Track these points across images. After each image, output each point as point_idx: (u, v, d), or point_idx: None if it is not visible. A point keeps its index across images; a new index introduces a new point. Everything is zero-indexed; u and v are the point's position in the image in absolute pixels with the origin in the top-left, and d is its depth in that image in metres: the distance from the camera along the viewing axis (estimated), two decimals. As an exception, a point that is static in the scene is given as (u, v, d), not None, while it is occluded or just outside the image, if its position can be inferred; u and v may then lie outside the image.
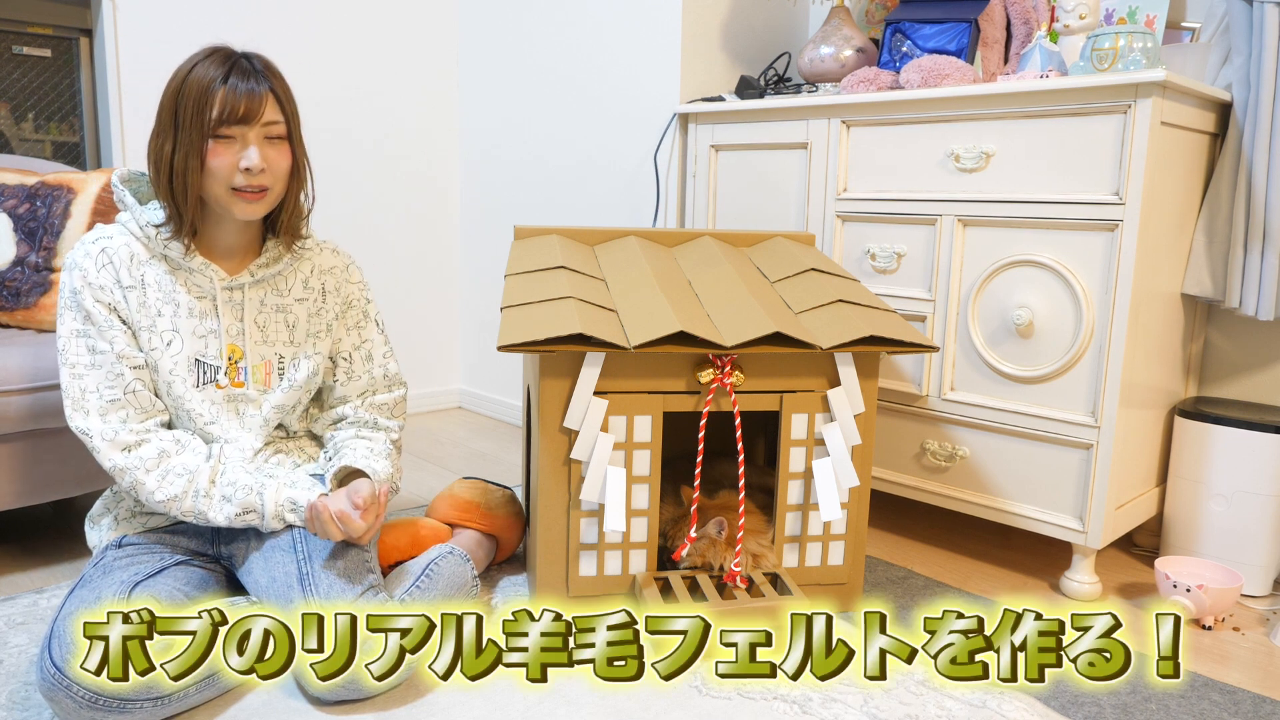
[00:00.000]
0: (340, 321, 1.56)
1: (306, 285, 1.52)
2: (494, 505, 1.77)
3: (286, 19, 2.65)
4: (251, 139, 1.34)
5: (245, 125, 1.33)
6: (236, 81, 1.32)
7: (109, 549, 1.40)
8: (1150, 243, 1.65)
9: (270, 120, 1.35)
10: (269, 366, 1.47)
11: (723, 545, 1.57)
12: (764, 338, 1.51)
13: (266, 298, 1.48)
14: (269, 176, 1.37)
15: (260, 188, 1.36)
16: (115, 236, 1.40)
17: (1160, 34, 1.93)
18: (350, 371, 1.57)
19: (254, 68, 1.36)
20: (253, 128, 1.34)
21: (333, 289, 1.55)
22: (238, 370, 1.45)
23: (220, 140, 1.33)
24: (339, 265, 1.57)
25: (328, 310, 1.54)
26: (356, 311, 1.58)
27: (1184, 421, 1.83)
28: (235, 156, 1.34)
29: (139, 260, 1.39)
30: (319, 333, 1.53)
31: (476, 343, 3.15)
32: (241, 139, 1.34)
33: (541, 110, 2.77)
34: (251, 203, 1.36)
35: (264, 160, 1.35)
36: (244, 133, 1.34)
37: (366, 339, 1.58)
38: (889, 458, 1.98)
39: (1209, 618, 1.63)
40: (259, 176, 1.35)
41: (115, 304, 1.37)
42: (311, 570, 1.34)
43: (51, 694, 1.15)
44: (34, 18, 2.41)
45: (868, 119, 1.94)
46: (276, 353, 1.48)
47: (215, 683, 1.27)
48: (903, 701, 1.35)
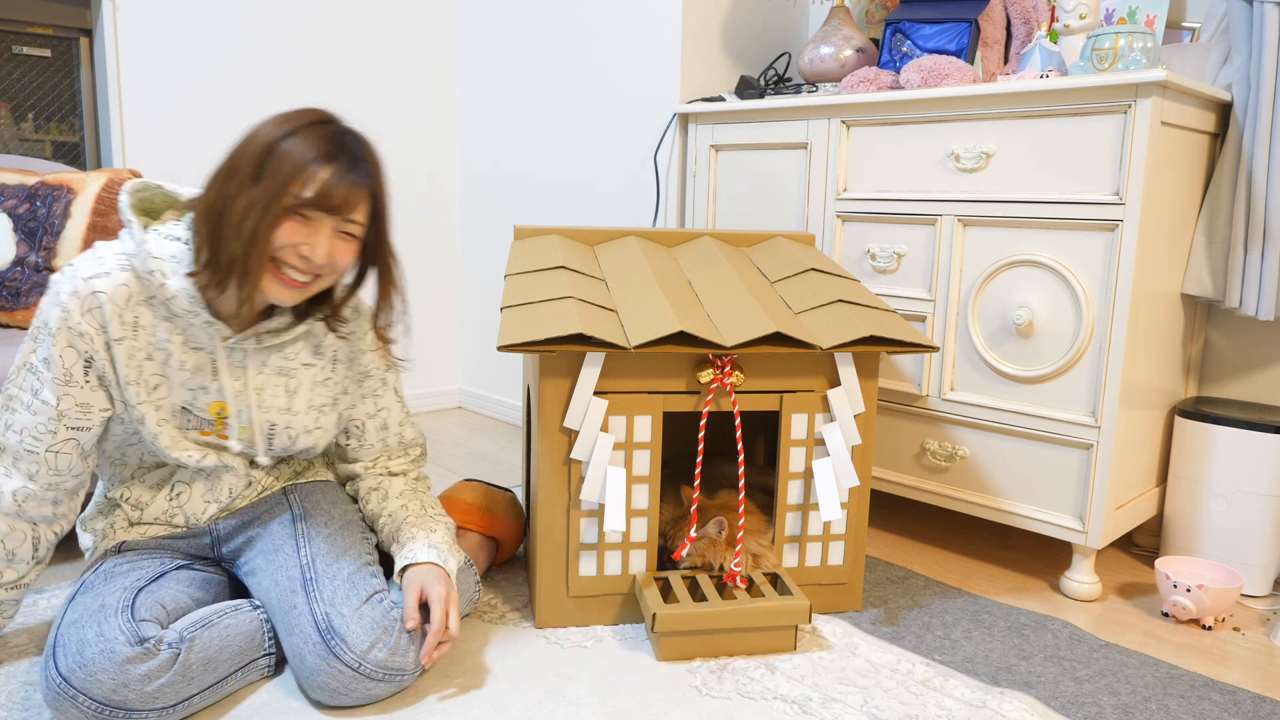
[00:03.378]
0: (356, 390, 1.47)
1: (318, 351, 1.40)
2: (495, 508, 1.77)
3: (287, 18, 2.65)
4: (326, 229, 1.23)
5: (329, 215, 1.22)
6: (342, 170, 1.21)
7: (109, 554, 1.39)
8: (1150, 243, 1.65)
9: (355, 219, 1.25)
10: (257, 431, 1.38)
11: (723, 545, 1.57)
12: (764, 338, 1.51)
13: (270, 360, 1.36)
14: (326, 269, 1.25)
15: (308, 279, 1.25)
16: (114, 273, 1.24)
17: (1160, 34, 1.93)
18: (363, 439, 1.50)
19: (359, 155, 1.24)
20: (334, 220, 1.23)
21: (345, 358, 1.44)
22: (225, 425, 1.35)
23: (297, 217, 1.21)
24: (358, 330, 1.44)
25: (336, 382, 1.43)
26: (375, 381, 1.48)
27: (1184, 421, 1.83)
28: (302, 239, 1.22)
29: (134, 301, 1.25)
30: (323, 406, 1.42)
31: (476, 343, 3.15)
32: (317, 225, 1.22)
33: (542, 110, 2.77)
34: (289, 288, 1.25)
35: (328, 255, 1.24)
36: (323, 220, 1.23)
37: (383, 408, 1.50)
38: (889, 458, 1.98)
39: (1209, 618, 1.63)
40: (315, 269, 1.24)
41: (93, 355, 1.24)
42: (315, 575, 1.33)
43: (57, 703, 1.14)
44: (34, 18, 2.41)
45: (868, 119, 1.94)
46: (269, 420, 1.38)
47: (220, 689, 1.27)
48: (903, 701, 1.35)
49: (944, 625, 1.61)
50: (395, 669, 1.27)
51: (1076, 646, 1.54)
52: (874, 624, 1.61)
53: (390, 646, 1.27)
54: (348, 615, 1.27)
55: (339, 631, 1.25)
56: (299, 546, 1.38)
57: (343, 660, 1.24)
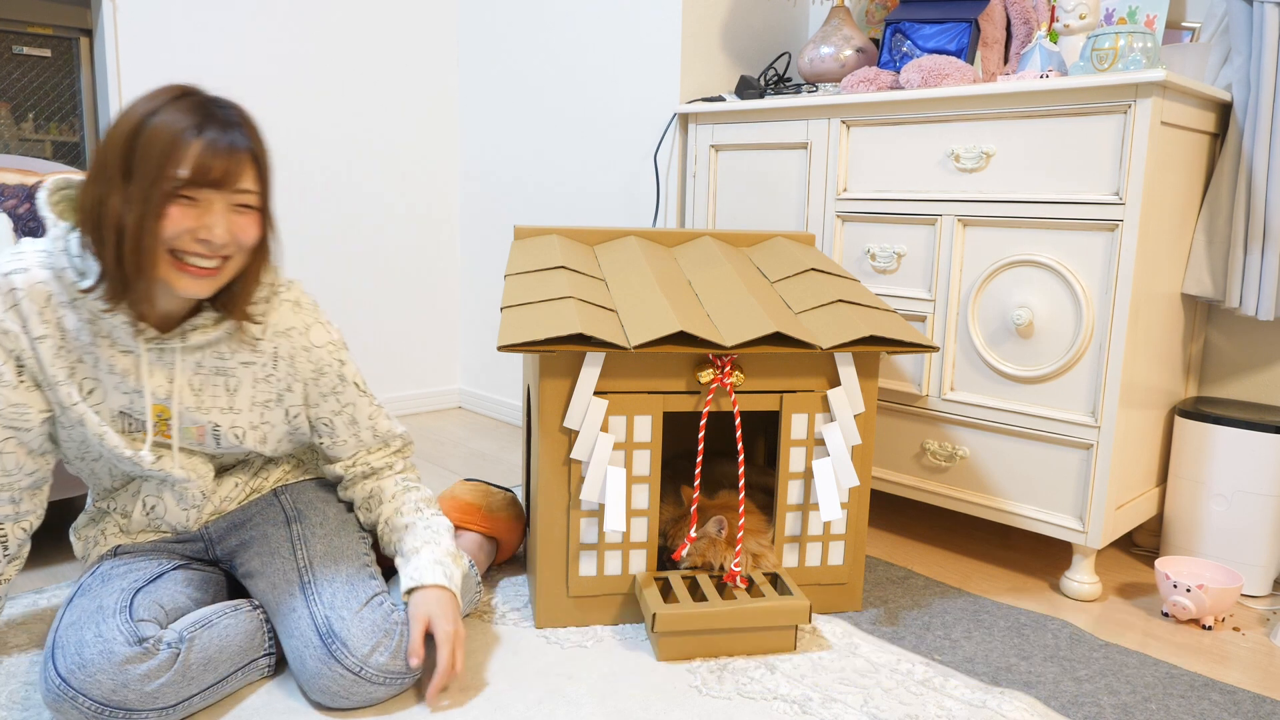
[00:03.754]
0: (314, 388, 1.37)
1: (256, 348, 1.31)
2: (495, 507, 1.77)
3: (287, 18, 2.65)
4: (219, 206, 1.14)
5: (216, 190, 1.13)
6: (214, 136, 1.12)
7: (105, 558, 1.38)
8: (1150, 243, 1.65)
9: (245, 188, 1.16)
10: (202, 431, 1.31)
11: (723, 545, 1.57)
12: (764, 338, 1.51)
13: (205, 360, 1.28)
14: (231, 248, 1.17)
15: (216, 263, 1.16)
16: (31, 270, 1.18)
17: (1160, 34, 1.93)
18: (334, 437, 1.42)
19: (231, 120, 1.15)
20: (223, 194, 1.14)
21: (287, 355, 1.33)
22: (167, 428, 1.29)
23: (181, 200, 1.12)
24: (298, 326, 1.33)
25: (279, 378, 1.33)
26: (330, 378, 1.37)
27: (1184, 421, 1.83)
28: (195, 223, 1.13)
29: (55, 302, 1.19)
30: (268, 402, 1.34)
31: (476, 343, 3.15)
32: (207, 204, 1.13)
33: (542, 110, 2.77)
34: (199, 279, 1.16)
35: (229, 233, 1.15)
36: (211, 197, 1.13)
37: (347, 403, 1.40)
38: (889, 458, 1.98)
39: (1209, 618, 1.63)
40: (219, 250, 1.15)
41: (20, 354, 1.20)
42: (314, 578, 1.32)
43: (57, 704, 1.14)
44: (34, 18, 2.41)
45: (868, 119, 1.94)
46: (211, 420, 1.31)
47: (220, 689, 1.27)
48: (903, 701, 1.35)
49: (944, 625, 1.61)
50: (396, 672, 1.27)
51: (1076, 646, 1.54)
52: (874, 624, 1.61)
53: (392, 650, 1.27)
54: (348, 619, 1.27)
55: (340, 635, 1.25)
56: (295, 549, 1.38)
57: (344, 664, 1.24)
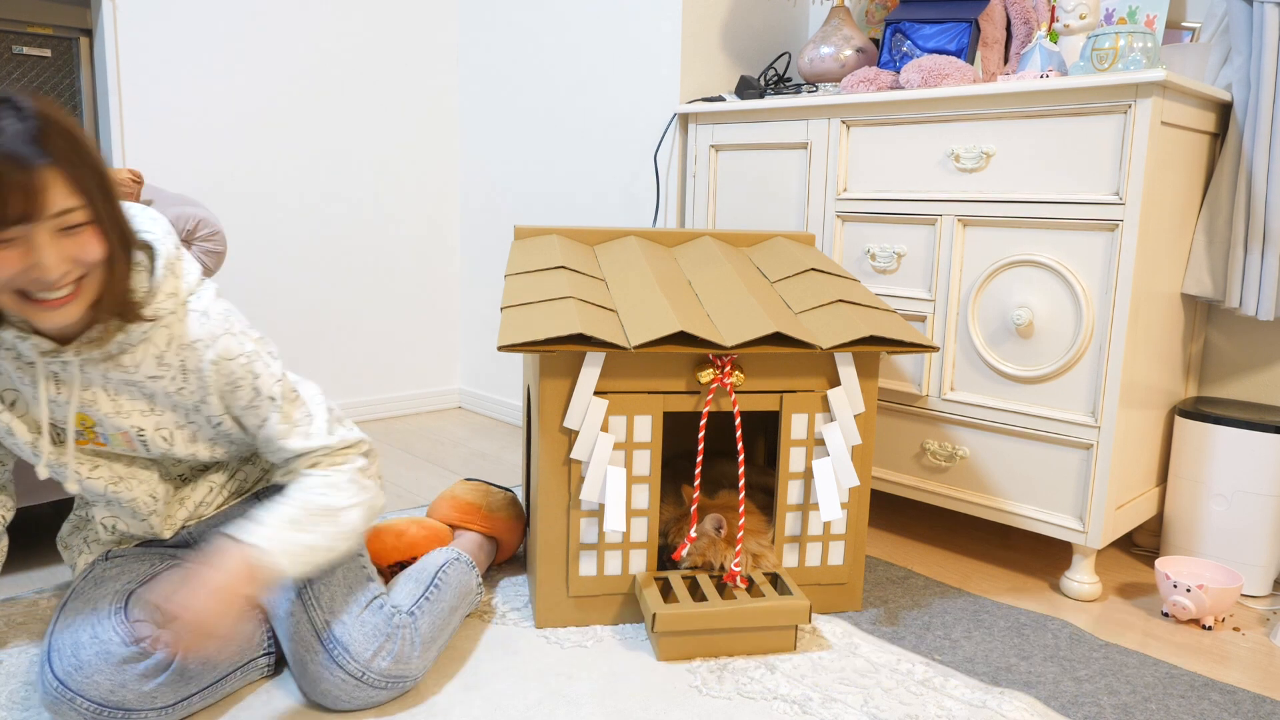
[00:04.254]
0: (231, 399, 1.25)
1: (161, 361, 1.20)
2: (495, 507, 1.76)
3: (287, 18, 2.65)
4: (41, 237, 1.00)
5: (28, 224, 0.99)
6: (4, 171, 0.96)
7: (97, 562, 1.37)
8: (1150, 243, 1.65)
9: (62, 209, 1.01)
10: (128, 436, 1.25)
11: (723, 545, 1.57)
12: (764, 338, 1.51)
13: (110, 373, 1.19)
14: (78, 271, 1.05)
15: (69, 289, 1.05)
16: None
17: (1160, 34, 1.93)
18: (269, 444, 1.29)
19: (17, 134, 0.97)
20: (39, 224, 1.00)
21: (194, 368, 1.21)
22: (95, 434, 1.25)
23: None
24: (204, 338, 1.20)
25: (191, 391, 1.23)
26: (245, 391, 1.24)
27: (1184, 421, 1.83)
28: (21, 264, 1.01)
29: None
30: (189, 407, 1.25)
31: (476, 343, 3.15)
32: (26, 241, 1.00)
33: (542, 110, 2.77)
34: (56, 309, 1.05)
35: (65, 258, 1.02)
36: (28, 232, 1.00)
37: (265, 420, 1.26)
38: (889, 458, 1.98)
39: (1209, 618, 1.63)
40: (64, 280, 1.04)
41: None
42: (310, 581, 1.30)
43: (55, 706, 1.14)
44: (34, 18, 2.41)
45: (868, 119, 1.94)
46: (134, 424, 1.24)
47: (219, 689, 1.27)
48: (903, 701, 1.35)
49: (944, 625, 1.61)
50: (398, 676, 1.27)
51: (1076, 646, 1.54)
52: (874, 624, 1.61)
53: (394, 655, 1.26)
54: (348, 623, 1.26)
55: (340, 640, 1.25)
56: None
57: (346, 669, 1.24)
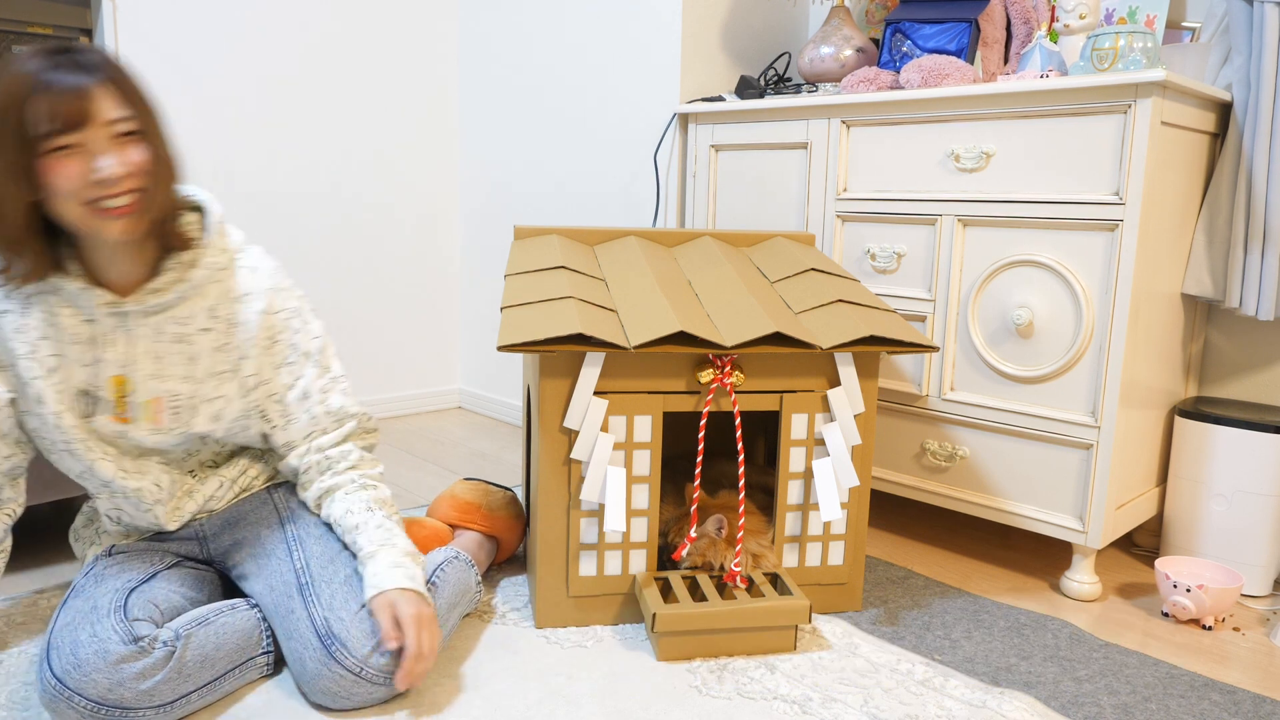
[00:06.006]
0: (266, 359, 1.34)
1: (213, 314, 1.29)
2: (495, 507, 1.77)
3: (286, 20, 2.65)
4: (99, 142, 1.11)
5: (82, 130, 1.10)
6: (56, 80, 1.09)
7: (99, 558, 1.38)
8: (1150, 243, 1.65)
9: (115, 116, 1.12)
10: (160, 404, 1.29)
11: (723, 545, 1.57)
12: (764, 338, 1.51)
13: (164, 326, 1.27)
14: (138, 179, 1.14)
15: (130, 197, 1.14)
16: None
17: (1160, 34, 1.93)
18: (286, 414, 1.37)
19: (76, 62, 1.11)
20: (93, 129, 1.11)
21: (242, 321, 1.31)
22: (125, 405, 1.28)
23: (57, 154, 1.10)
24: (254, 290, 1.32)
25: (234, 346, 1.31)
26: (283, 347, 1.34)
27: (1184, 421, 1.83)
28: (83, 167, 1.11)
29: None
30: (224, 372, 1.32)
31: (476, 343, 3.15)
32: (85, 147, 1.11)
33: (541, 110, 2.77)
34: (123, 217, 1.14)
35: (123, 162, 1.12)
36: (84, 138, 1.11)
37: (299, 376, 1.35)
38: (889, 458, 1.98)
39: (1209, 618, 1.63)
40: (123, 184, 1.13)
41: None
42: (311, 579, 1.31)
43: (53, 705, 1.14)
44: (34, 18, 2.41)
45: (868, 119, 1.94)
46: (170, 389, 1.29)
47: (218, 687, 1.27)
48: (903, 701, 1.35)
49: (944, 625, 1.61)
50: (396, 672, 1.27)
51: (1076, 646, 1.54)
52: (874, 624, 1.61)
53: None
54: (347, 620, 1.26)
55: (339, 636, 1.25)
56: (291, 551, 1.37)
57: (344, 665, 1.24)
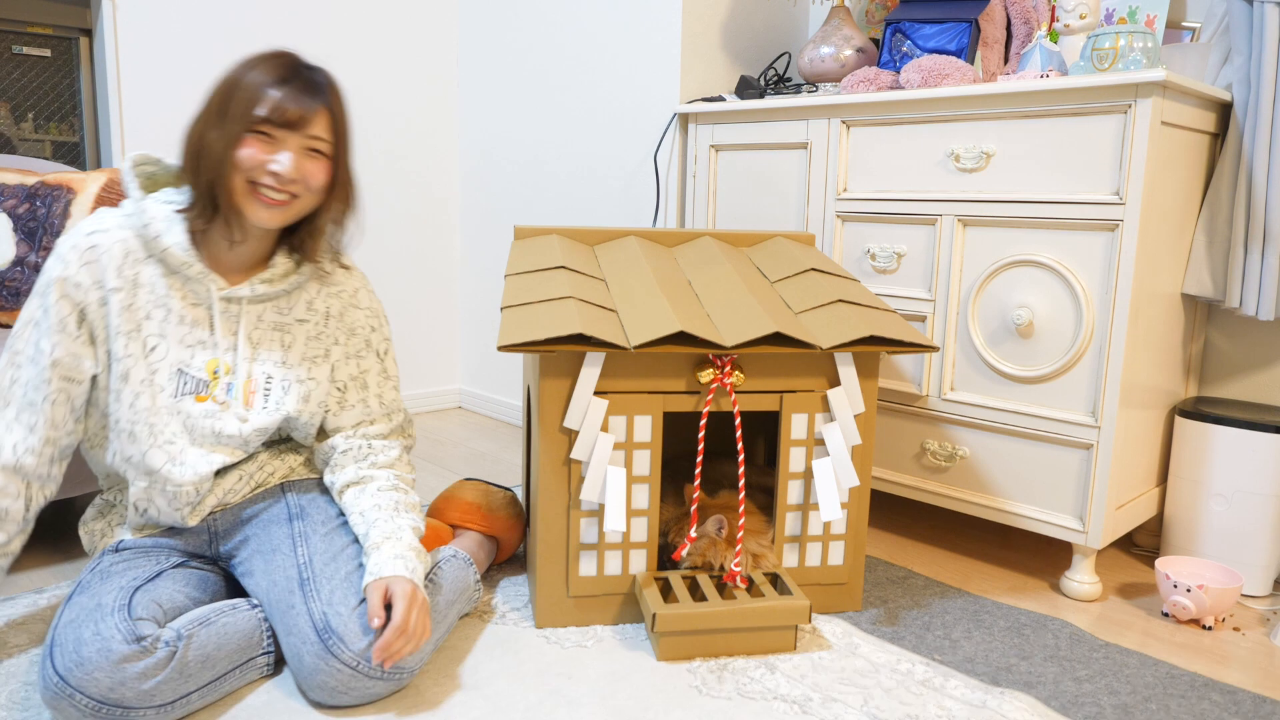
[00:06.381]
0: (341, 349, 1.48)
1: (311, 306, 1.45)
2: (495, 507, 1.77)
3: (286, 18, 2.65)
4: (292, 146, 1.30)
5: (289, 131, 1.29)
6: (294, 87, 1.29)
7: (106, 554, 1.39)
8: (1150, 243, 1.65)
9: (317, 134, 1.31)
10: (253, 386, 1.40)
11: (723, 545, 1.57)
12: (764, 338, 1.51)
13: (265, 314, 1.41)
14: (299, 187, 1.31)
15: (285, 196, 1.30)
16: (112, 230, 1.32)
17: (1160, 34, 1.93)
18: (344, 401, 1.48)
19: (314, 81, 1.32)
20: (296, 135, 1.29)
21: (336, 313, 1.47)
22: (219, 386, 1.37)
23: (258, 136, 1.28)
24: (348, 288, 1.49)
25: (328, 335, 1.46)
26: (359, 340, 1.49)
27: (1184, 421, 1.83)
28: (267, 155, 1.28)
29: (134, 258, 1.32)
30: (316, 357, 1.45)
31: (476, 343, 3.15)
32: (281, 142, 1.29)
33: (541, 110, 2.77)
34: (269, 208, 1.30)
35: (298, 170, 1.30)
36: (285, 137, 1.29)
37: (365, 369, 1.50)
38: (889, 458, 1.98)
39: (1209, 618, 1.63)
40: (288, 185, 1.30)
41: (86, 306, 1.30)
42: (313, 575, 1.33)
43: (55, 702, 1.15)
44: (34, 18, 2.41)
45: (868, 119, 1.94)
46: (265, 372, 1.40)
47: (219, 687, 1.27)
48: (903, 701, 1.35)
49: (944, 625, 1.61)
50: (393, 668, 1.27)
51: (1076, 646, 1.54)
52: (874, 624, 1.61)
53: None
54: (345, 614, 1.27)
55: (336, 630, 1.25)
56: (295, 546, 1.38)
57: (340, 659, 1.24)
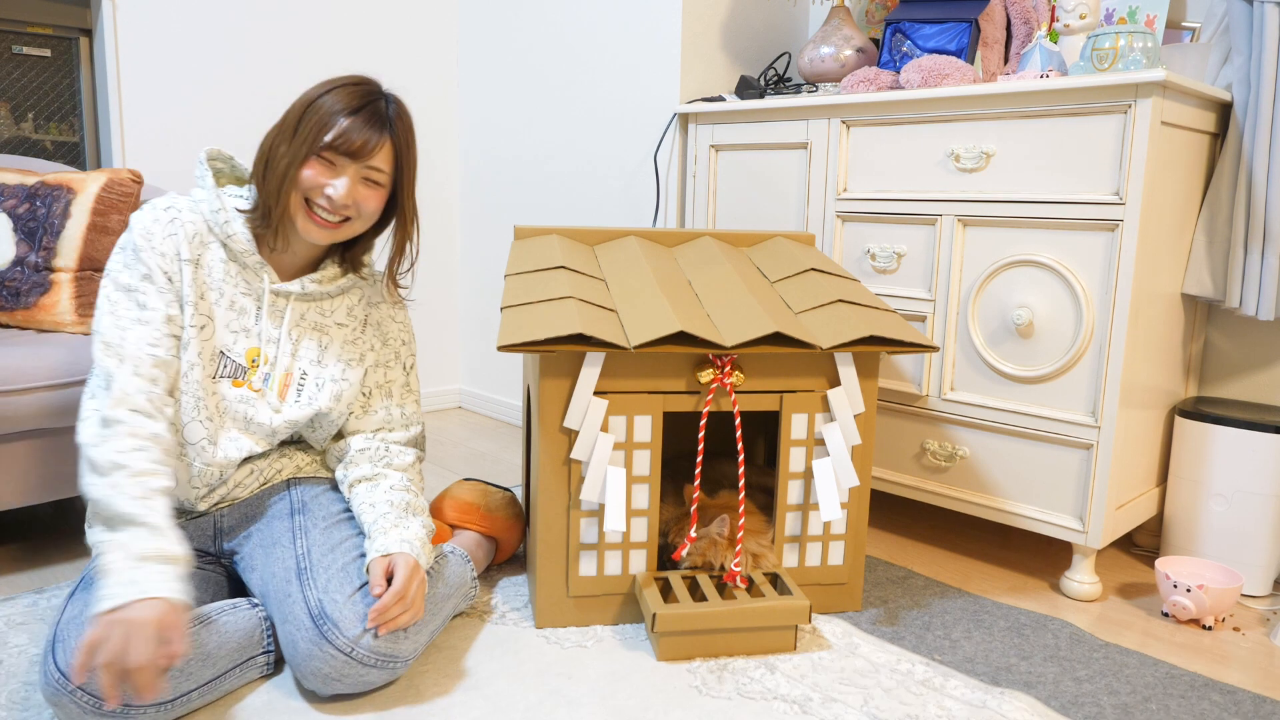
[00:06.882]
0: (374, 355, 1.54)
1: (350, 313, 1.51)
2: (494, 507, 1.77)
3: (286, 19, 2.65)
4: (349, 173, 1.36)
5: (349, 159, 1.35)
6: (363, 121, 1.35)
7: None
8: (1150, 243, 1.65)
9: (376, 166, 1.38)
10: (289, 379, 1.45)
11: (723, 545, 1.57)
12: (764, 338, 1.51)
13: (308, 313, 1.46)
14: (352, 211, 1.38)
15: (337, 219, 1.38)
16: (185, 211, 1.39)
17: (1160, 34, 1.93)
18: (368, 406, 1.53)
19: (386, 114, 1.39)
20: (355, 164, 1.36)
21: (374, 322, 1.54)
22: (256, 372, 1.42)
23: (321, 160, 1.35)
24: (386, 300, 1.56)
25: (364, 341, 1.53)
26: (389, 352, 1.56)
27: (1184, 421, 1.83)
28: (326, 180, 1.35)
29: (201, 239, 1.39)
30: (351, 360, 1.50)
31: (476, 343, 3.15)
32: (341, 168, 1.36)
33: (541, 110, 2.77)
34: (321, 227, 1.38)
35: (351, 196, 1.36)
36: (345, 164, 1.36)
37: (390, 379, 1.55)
38: (889, 458, 1.98)
39: (1209, 618, 1.63)
40: (340, 209, 1.36)
41: (171, 274, 1.36)
42: (310, 565, 1.34)
43: (55, 699, 1.15)
44: (34, 18, 2.41)
45: (868, 119, 1.94)
46: (301, 369, 1.46)
47: (218, 686, 1.27)
48: (903, 702, 1.35)
49: (944, 625, 1.61)
50: (387, 655, 1.28)
51: (1076, 646, 1.54)
52: (874, 624, 1.61)
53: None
54: (340, 601, 1.28)
55: (331, 616, 1.26)
56: (295, 539, 1.39)
57: (334, 644, 1.25)
